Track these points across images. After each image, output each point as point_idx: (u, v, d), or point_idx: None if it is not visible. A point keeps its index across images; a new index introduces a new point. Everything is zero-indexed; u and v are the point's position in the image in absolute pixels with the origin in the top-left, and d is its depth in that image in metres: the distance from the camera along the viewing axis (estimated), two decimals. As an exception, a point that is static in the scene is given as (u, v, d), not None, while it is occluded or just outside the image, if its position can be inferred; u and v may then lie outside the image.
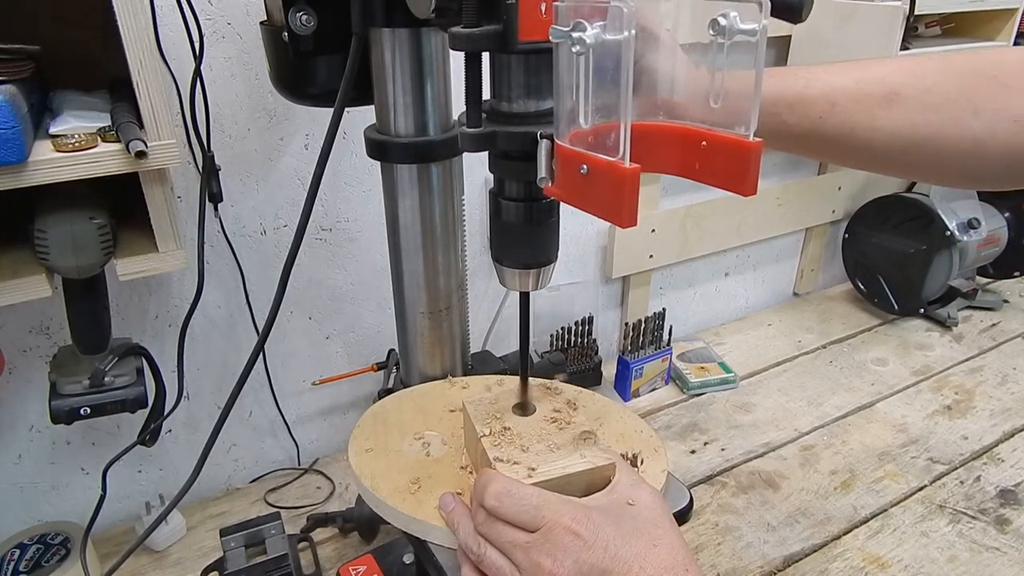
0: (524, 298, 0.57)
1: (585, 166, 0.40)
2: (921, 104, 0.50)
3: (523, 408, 0.59)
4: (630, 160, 0.38)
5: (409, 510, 0.55)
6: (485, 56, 0.48)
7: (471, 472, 0.59)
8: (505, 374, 0.75)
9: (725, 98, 0.43)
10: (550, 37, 0.39)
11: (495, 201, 0.52)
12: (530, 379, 0.60)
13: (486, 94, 0.49)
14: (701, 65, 0.43)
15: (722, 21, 0.40)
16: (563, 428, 0.57)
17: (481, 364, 0.80)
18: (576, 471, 0.52)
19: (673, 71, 0.47)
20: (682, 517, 0.57)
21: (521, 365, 0.59)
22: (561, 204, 0.52)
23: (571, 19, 0.37)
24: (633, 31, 0.36)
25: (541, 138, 0.43)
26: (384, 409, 0.69)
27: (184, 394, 0.90)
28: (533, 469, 0.52)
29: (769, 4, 0.39)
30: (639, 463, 0.59)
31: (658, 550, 0.46)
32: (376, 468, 0.59)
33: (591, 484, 0.52)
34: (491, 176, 0.53)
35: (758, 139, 0.41)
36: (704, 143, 0.44)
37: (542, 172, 0.44)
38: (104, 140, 0.56)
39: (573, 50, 0.37)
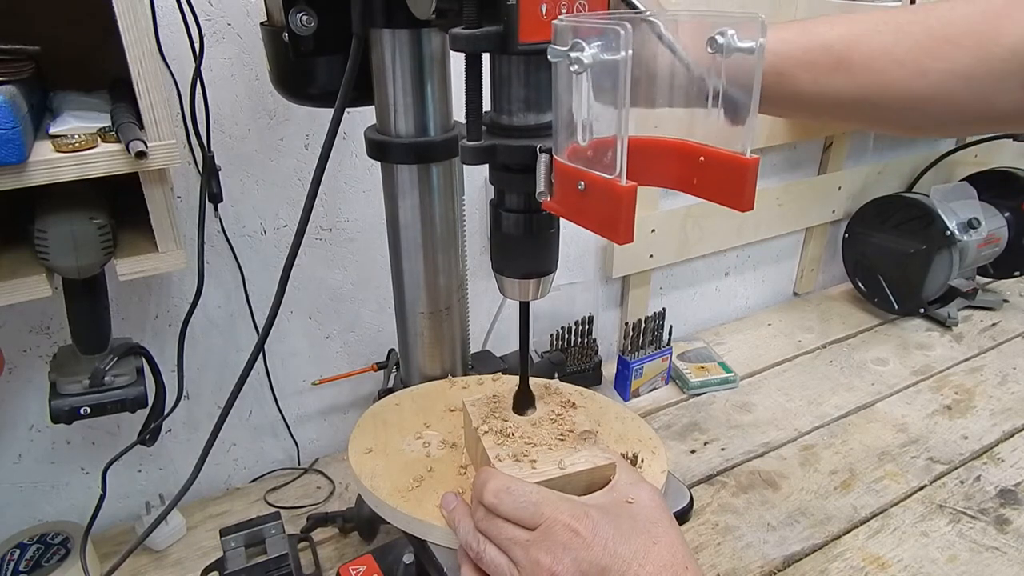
0: (524, 307, 0.57)
1: (583, 183, 0.40)
2: (868, 69, 0.51)
3: (523, 408, 0.59)
4: (627, 177, 0.38)
5: (409, 510, 0.55)
6: (486, 64, 0.48)
7: (470, 472, 0.59)
8: (506, 373, 0.75)
9: (722, 113, 0.43)
10: (548, 57, 0.39)
11: (495, 212, 0.53)
12: (529, 379, 0.60)
13: (486, 106, 0.49)
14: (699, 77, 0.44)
15: (719, 39, 0.40)
16: (563, 428, 0.57)
17: (481, 364, 0.80)
18: (576, 471, 0.52)
19: (672, 81, 0.47)
20: (682, 517, 0.57)
21: (521, 371, 0.59)
22: None
23: (569, 38, 0.38)
24: (630, 51, 0.36)
25: (540, 152, 0.44)
26: (384, 409, 0.69)
27: (184, 394, 0.90)
28: (533, 468, 0.52)
29: (766, 26, 0.39)
30: (639, 463, 0.59)
31: (657, 548, 0.46)
32: (376, 468, 0.59)
33: (591, 484, 0.52)
34: (491, 198, 0.53)
35: (755, 156, 0.42)
36: (702, 158, 0.45)
37: (540, 187, 0.44)
38: (104, 140, 0.56)
39: (571, 69, 0.37)
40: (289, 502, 0.97)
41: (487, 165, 0.50)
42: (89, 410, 0.66)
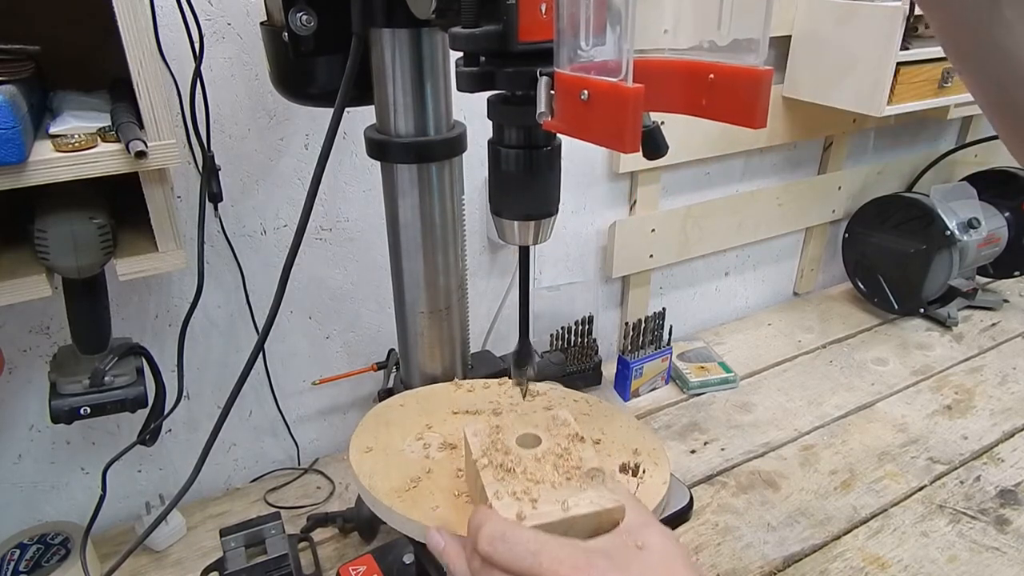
0: (523, 254, 0.55)
1: (586, 92, 0.39)
2: None
3: (523, 364, 0.57)
4: (633, 81, 0.36)
5: (404, 510, 0.54)
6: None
7: (468, 476, 0.58)
8: (506, 374, 0.75)
9: (734, 29, 0.41)
10: None
11: (493, 150, 0.51)
12: (537, 403, 0.58)
13: None
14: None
15: None
16: (569, 464, 0.52)
17: (481, 364, 0.80)
18: (580, 513, 0.47)
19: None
20: (682, 516, 0.56)
21: (521, 324, 0.58)
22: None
23: None
24: None
25: (541, 75, 0.42)
26: (388, 409, 0.68)
27: (184, 394, 0.90)
28: (534, 507, 0.48)
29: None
30: (640, 473, 0.58)
31: None
32: (375, 467, 0.59)
33: (598, 527, 0.48)
34: (489, 137, 0.52)
35: (768, 67, 0.40)
36: (711, 76, 0.43)
37: (541, 107, 0.42)
38: (104, 140, 0.56)
39: None
40: (289, 502, 0.97)
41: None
42: (89, 410, 0.66)
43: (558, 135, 0.49)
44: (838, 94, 1.16)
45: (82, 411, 0.65)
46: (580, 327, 1.12)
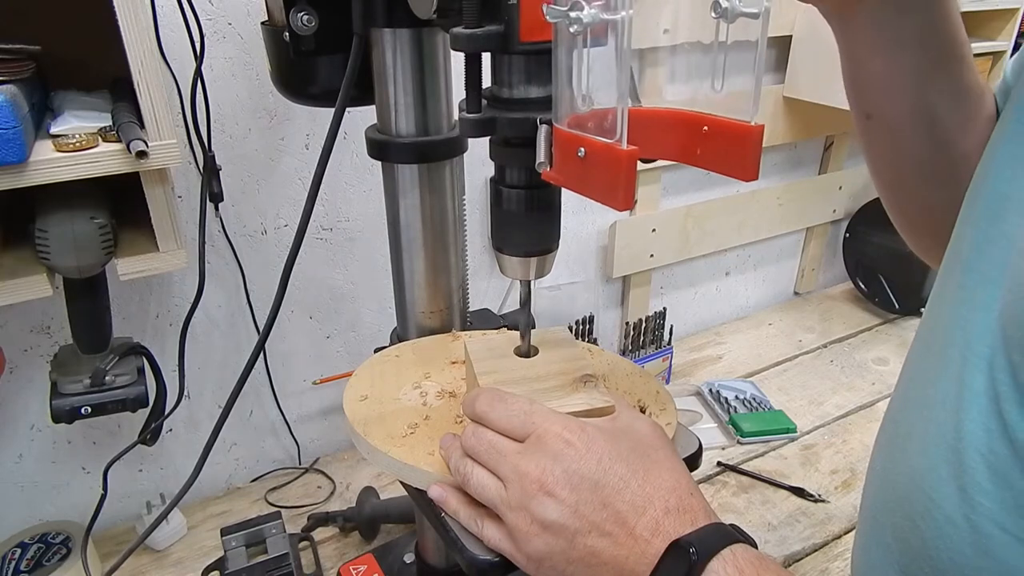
0: (525, 287, 0.56)
1: (583, 149, 0.40)
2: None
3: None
4: (628, 143, 0.37)
5: (401, 456, 0.52)
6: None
7: (468, 423, 0.56)
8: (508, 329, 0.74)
9: (728, 84, 0.42)
10: (547, 17, 0.39)
11: (495, 189, 0.52)
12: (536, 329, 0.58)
13: (487, 81, 0.48)
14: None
15: (724, 3, 0.40)
16: (564, 372, 0.54)
17: (481, 322, 0.79)
18: (572, 411, 0.48)
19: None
20: (692, 463, 0.54)
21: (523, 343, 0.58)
22: (562, 193, 0.52)
23: None
24: (631, 11, 0.35)
25: (540, 123, 0.43)
26: (383, 359, 0.67)
27: (185, 393, 0.90)
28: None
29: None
30: (647, 414, 0.56)
31: (659, 470, 0.43)
32: (370, 415, 0.57)
33: None
34: (491, 175, 0.52)
35: (760, 123, 0.41)
36: (705, 128, 0.44)
37: (541, 157, 0.43)
38: (105, 140, 0.56)
39: (571, 30, 0.37)
40: (290, 502, 0.97)
41: (487, 152, 0.50)
42: (90, 410, 0.66)
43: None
44: (839, 94, 1.15)
45: (83, 411, 0.65)
46: (581, 327, 1.12)
